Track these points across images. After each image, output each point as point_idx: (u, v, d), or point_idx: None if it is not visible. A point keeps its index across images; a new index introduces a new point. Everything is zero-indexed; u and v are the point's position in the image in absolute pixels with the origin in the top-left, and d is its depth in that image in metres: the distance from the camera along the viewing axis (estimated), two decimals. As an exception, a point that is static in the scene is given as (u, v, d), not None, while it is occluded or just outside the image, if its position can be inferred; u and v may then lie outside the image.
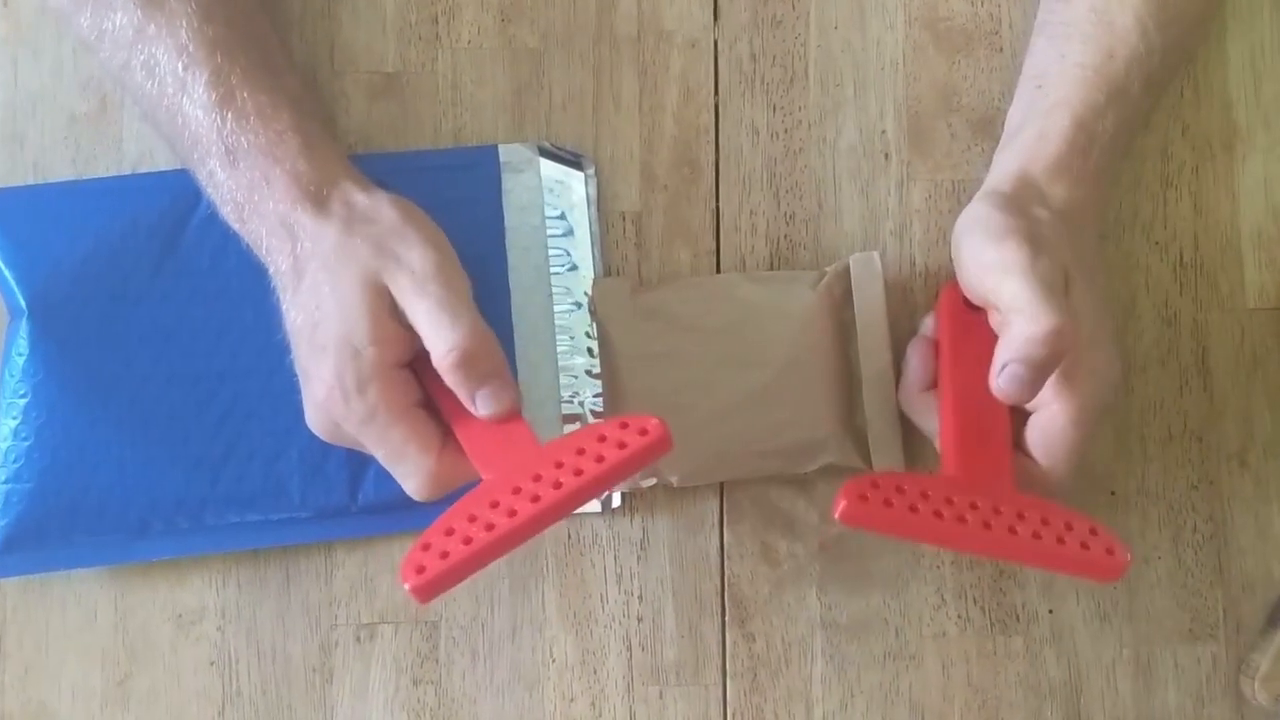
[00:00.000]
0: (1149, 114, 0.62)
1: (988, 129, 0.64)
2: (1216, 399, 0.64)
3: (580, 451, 0.51)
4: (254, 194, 0.54)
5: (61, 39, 0.64)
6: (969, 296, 0.57)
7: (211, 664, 0.61)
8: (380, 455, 0.53)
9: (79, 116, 0.63)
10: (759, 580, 0.62)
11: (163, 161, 0.63)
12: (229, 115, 0.54)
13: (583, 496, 0.51)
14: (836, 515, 0.51)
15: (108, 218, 0.61)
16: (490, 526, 0.50)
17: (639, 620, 0.62)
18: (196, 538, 0.60)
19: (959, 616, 0.62)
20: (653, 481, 0.61)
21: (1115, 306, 0.64)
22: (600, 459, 0.51)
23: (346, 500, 0.61)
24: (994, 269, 0.53)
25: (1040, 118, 0.58)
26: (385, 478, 0.59)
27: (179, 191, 0.60)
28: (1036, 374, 0.51)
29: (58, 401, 0.60)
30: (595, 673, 0.61)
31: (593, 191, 0.63)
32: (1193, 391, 0.64)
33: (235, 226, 0.56)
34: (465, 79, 0.64)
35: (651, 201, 0.64)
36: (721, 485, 0.62)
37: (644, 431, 0.51)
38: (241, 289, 0.60)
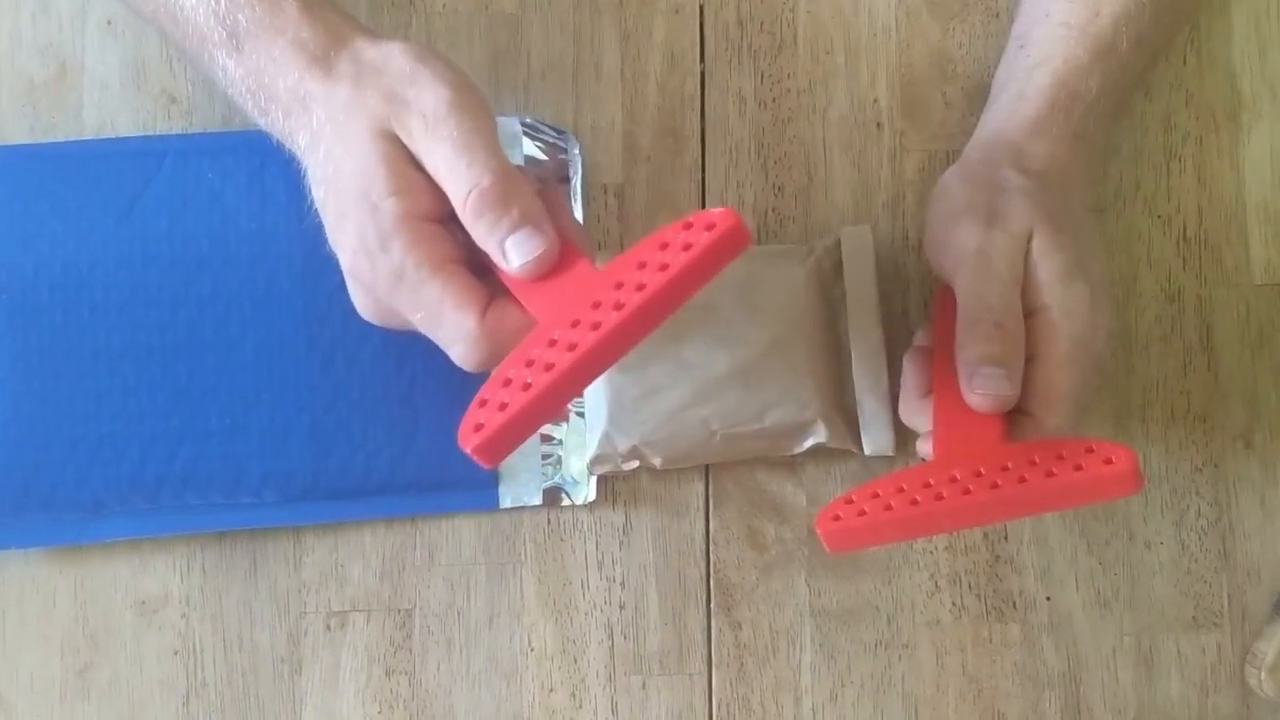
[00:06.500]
0: (1144, 73, 0.61)
1: (983, 97, 0.62)
2: (1221, 378, 0.62)
3: (641, 265, 0.45)
4: (263, 76, 0.51)
5: (19, 4, 0.62)
6: (932, 267, 0.56)
7: (175, 653, 0.59)
8: (418, 322, 0.49)
9: (37, 84, 0.62)
10: (745, 566, 0.60)
11: (123, 129, 0.61)
12: None
13: (651, 315, 0.45)
14: (829, 550, 0.49)
15: (64, 182, 0.59)
16: (549, 366, 0.45)
17: (621, 608, 0.60)
18: (155, 518, 0.59)
19: (953, 603, 0.60)
20: (635, 465, 0.59)
21: (1116, 282, 0.62)
22: (664, 267, 0.45)
23: (310, 483, 0.59)
24: (948, 252, 0.53)
25: (1021, 78, 0.57)
26: (351, 459, 0.57)
27: (138, 157, 0.59)
28: (1007, 368, 0.50)
29: (9, 373, 0.58)
30: (576, 662, 0.60)
31: (577, 170, 0.61)
32: (1196, 371, 0.62)
33: (260, 120, 0.53)
34: (440, 46, 0.63)
35: (634, 173, 0.62)
36: (707, 468, 0.61)
37: (710, 226, 0.44)
38: (198, 258, 0.59)
